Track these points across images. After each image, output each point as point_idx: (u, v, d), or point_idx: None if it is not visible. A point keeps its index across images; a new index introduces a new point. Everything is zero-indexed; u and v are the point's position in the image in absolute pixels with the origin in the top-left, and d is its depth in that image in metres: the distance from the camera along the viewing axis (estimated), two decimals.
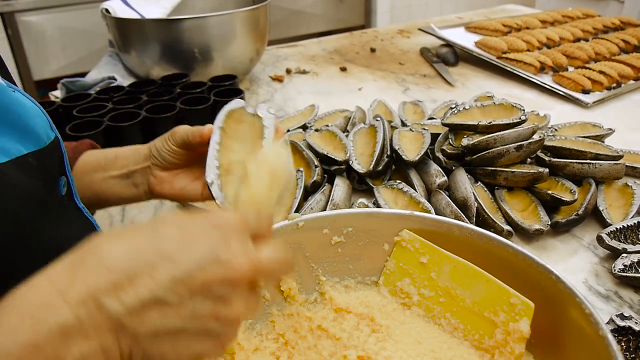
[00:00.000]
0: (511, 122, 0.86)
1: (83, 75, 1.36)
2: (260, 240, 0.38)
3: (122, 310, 0.31)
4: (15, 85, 0.56)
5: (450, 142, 0.91)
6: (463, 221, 0.62)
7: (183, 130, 0.61)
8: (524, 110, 0.88)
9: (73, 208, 0.56)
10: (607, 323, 0.61)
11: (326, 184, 0.88)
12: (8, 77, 0.54)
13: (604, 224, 0.82)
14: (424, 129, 0.95)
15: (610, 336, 0.44)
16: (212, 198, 0.55)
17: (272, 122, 0.51)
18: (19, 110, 0.48)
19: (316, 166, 0.89)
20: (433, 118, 1.11)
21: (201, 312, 0.33)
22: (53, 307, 0.30)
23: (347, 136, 0.96)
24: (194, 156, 0.64)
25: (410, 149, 0.91)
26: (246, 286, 0.35)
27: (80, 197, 0.63)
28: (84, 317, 0.30)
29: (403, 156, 0.87)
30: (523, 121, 0.87)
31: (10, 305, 0.30)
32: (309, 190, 0.87)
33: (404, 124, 1.11)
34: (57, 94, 1.32)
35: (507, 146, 0.84)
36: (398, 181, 0.86)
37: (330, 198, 0.82)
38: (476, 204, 0.80)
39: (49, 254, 0.48)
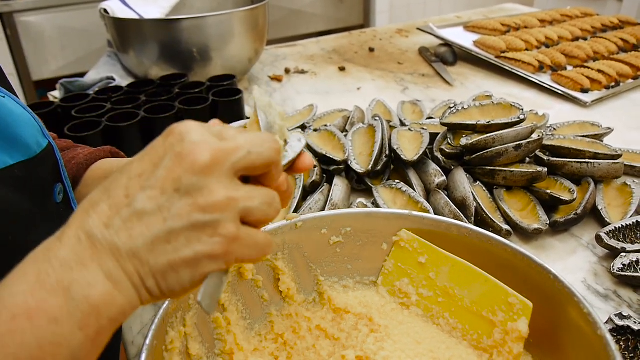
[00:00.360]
0: (510, 121, 0.86)
1: (82, 75, 1.36)
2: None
3: (108, 233, 0.32)
4: (10, 86, 0.54)
5: (449, 141, 0.91)
6: (462, 221, 0.62)
7: None
8: (522, 109, 0.88)
9: (70, 214, 0.55)
10: (606, 322, 0.61)
11: (325, 184, 0.88)
12: (1, 80, 0.53)
13: (602, 223, 0.82)
14: (423, 128, 0.95)
15: (608, 336, 0.44)
16: None
17: (294, 151, 0.45)
18: (6, 119, 0.47)
19: (315, 166, 0.89)
20: (432, 118, 1.11)
21: (180, 207, 0.33)
22: (51, 249, 0.33)
23: (345, 136, 0.96)
24: None
25: (409, 148, 0.91)
26: (222, 171, 0.34)
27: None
28: (78, 248, 0.32)
29: (402, 156, 0.87)
30: (522, 120, 0.87)
31: (23, 261, 0.33)
32: (308, 190, 0.87)
33: (402, 124, 1.11)
34: (55, 94, 1.32)
35: (506, 145, 0.84)
36: (397, 181, 0.86)
37: (329, 198, 0.82)
38: (475, 204, 0.80)
39: None
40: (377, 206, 0.82)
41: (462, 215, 0.78)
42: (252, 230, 0.36)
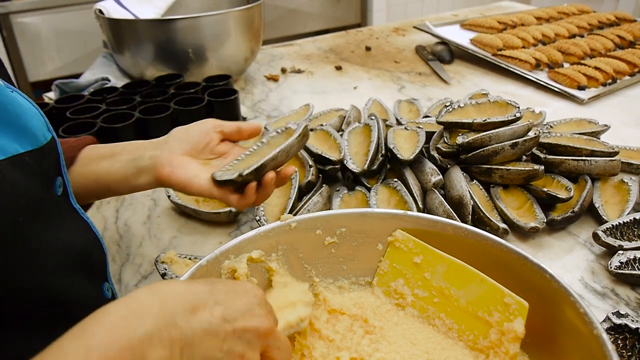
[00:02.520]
0: (506, 119, 0.86)
1: (78, 76, 1.36)
2: None
3: (190, 331, 0.37)
4: (14, 86, 0.56)
5: (446, 140, 0.91)
6: (455, 220, 0.62)
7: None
8: (518, 107, 0.88)
9: (68, 209, 0.56)
10: (604, 321, 0.61)
11: (324, 185, 0.87)
12: (7, 78, 0.54)
13: (600, 220, 0.82)
14: (419, 127, 0.95)
15: (605, 335, 0.43)
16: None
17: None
18: (16, 110, 0.49)
19: (310, 166, 0.88)
20: (428, 116, 1.11)
21: (235, 349, 0.40)
22: (141, 318, 0.36)
23: (341, 135, 0.96)
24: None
25: (405, 147, 0.91)
26: (263, 343, 0.43)
27: (81, 188, 0.65)
28: (163, 330, 0.36)
29: (398, 155, 0.86)
30: (518, 118, 0.86)
31: (102, 316, 0.36)
32: (303, 190, 0.86)
33: (399, 123, 1.10)
34: (51, 96, 1.31)
35: (502, 144, 0.84)
36: (395, 179, 0.85)
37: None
38: (472, 202, 0.80)
39: (42, 253, 0.48)
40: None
41: (456, 215, 0.78)
42: None
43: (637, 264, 0.71)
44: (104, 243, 0.60)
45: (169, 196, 0.88)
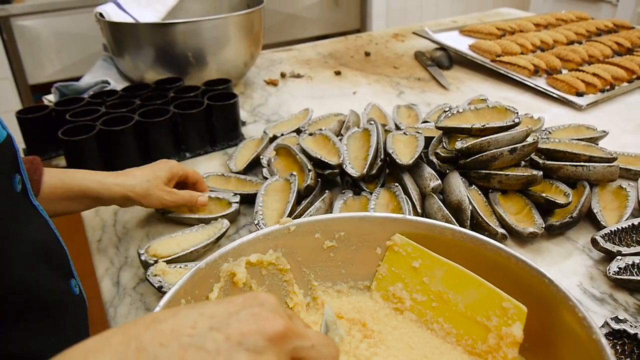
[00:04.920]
0: (505, 125, 0.86)
1: (78, 79, 1.36)
2: None
3: (160, 351, 0.31)
4: None
5: (444, 145, 0.91)
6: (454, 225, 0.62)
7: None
8: (517, 113, 0.88)
9: (28, 206, 0.57)
10: (602, 326, 0.61)
11: (326, 191, 0.87)
12: None
13: (598, 226, 0.82)
14: (418, 132, 0.95)
15: (603, 340, 0.43)
16: None
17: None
18: None
19: (309, 170, 0.89)
20: (427, 121, 1.11)
21: (237, 359, 0.32)
22: (93, 351, 0.31)
23: (340, 140, 0.96)
24: None
25: (404, 152, 0.91)
26: (284, 348, 0.34)
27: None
28: (124, 354, 0.31)
29: (397, 160, 0.86)
30: (517, 124, 0.87)
31: (68, 353, 0.32)
32: (302, 195, 0.86)
33: (398, 128, 1.11)
34: (50, 98, 1.31)
35: (501, 149, 0.84)
36: (395, 184, 0.85)
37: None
38: (470, 207, 0.80)
39: (8, 249, 0.49)
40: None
41: (455, 220, 0.78)
42: None
43: (635, 270, 0.71)
44: (61, 240, 0.60)
45: (161, 213, 0.88)
